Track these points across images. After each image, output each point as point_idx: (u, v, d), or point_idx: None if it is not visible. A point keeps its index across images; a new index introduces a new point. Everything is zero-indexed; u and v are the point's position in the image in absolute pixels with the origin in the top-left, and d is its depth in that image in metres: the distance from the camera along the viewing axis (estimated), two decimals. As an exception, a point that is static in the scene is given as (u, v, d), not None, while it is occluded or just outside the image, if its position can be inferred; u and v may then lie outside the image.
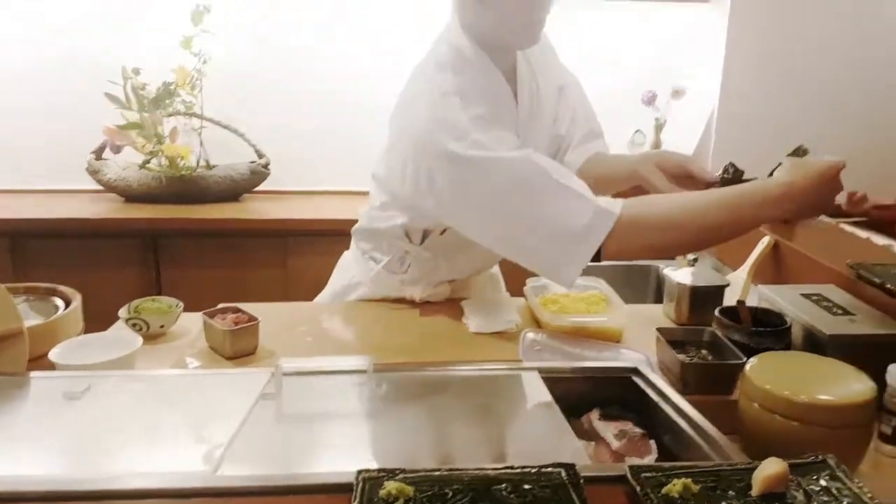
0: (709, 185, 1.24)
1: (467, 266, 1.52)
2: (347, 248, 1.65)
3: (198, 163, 2.56)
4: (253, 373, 1.07)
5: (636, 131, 2.72)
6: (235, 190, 2.61)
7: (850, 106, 2.62)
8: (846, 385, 0.95)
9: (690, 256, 1.90)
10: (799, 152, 1.19)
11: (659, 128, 2.58)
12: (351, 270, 1.57)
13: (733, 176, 1.22)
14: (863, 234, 2.12)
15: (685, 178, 1.29)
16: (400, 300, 1.52)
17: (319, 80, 2.70)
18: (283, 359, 1.01)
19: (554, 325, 1.35)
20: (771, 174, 1.18)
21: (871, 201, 2.35)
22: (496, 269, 1.69)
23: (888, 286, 1.25)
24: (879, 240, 2.05)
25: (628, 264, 2.07)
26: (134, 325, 1.34)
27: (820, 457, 0.76)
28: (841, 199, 2.37)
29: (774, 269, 1.61)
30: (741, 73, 2.52)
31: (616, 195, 1.20)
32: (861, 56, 2.57)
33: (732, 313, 1.28)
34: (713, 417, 1.07)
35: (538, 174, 1.15)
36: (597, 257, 1.14)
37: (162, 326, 1.37)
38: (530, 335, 1.30)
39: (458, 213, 1.25)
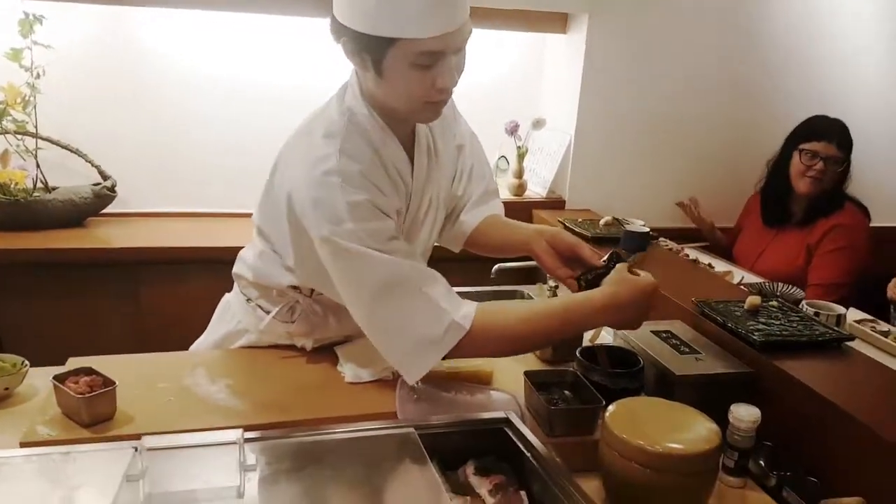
0: (595, 268, 1.30)
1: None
2: (206, 277, 1.56)
3: (34, 186, 2.35)
4: (114, 449, 1.00)
5: (500, 157, 2.80)
6: (78, 214, 2.41)
7: (697, 136, 2.86)
8: (695, 432, 1.04)
9: (552, 283, 2.00)
10: (613, 258, 1.29)
11: (521, 156, 2.68)
12: (236, 316, 1.50)
13: (617, 261, 1.28)
14: (705, 259, 2.33)
15: (574, 259, 1.35)
16: (290, 347, 1.47)
17: (170, 93, 2.54)
18: (145, 437, 0.95)
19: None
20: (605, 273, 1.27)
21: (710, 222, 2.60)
22: None
23: (729, 325, 1.38)
24: (720, 266, 2.27)
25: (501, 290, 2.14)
26: (-26, 389, 1.22)
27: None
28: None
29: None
30: (596, 103, 2.67)
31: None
32: (710, 89, 2.82)
33: (592, 354, 1.35)
34: (578, 457, 1.14)
35: (402, 280, 1.18)
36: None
37: (6, 389, 1.25)
38: (406, 383, 1.31)
39: (327, 286, 1.26)
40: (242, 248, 1.50)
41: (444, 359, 1.20)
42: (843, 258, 2.22)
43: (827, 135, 2.30)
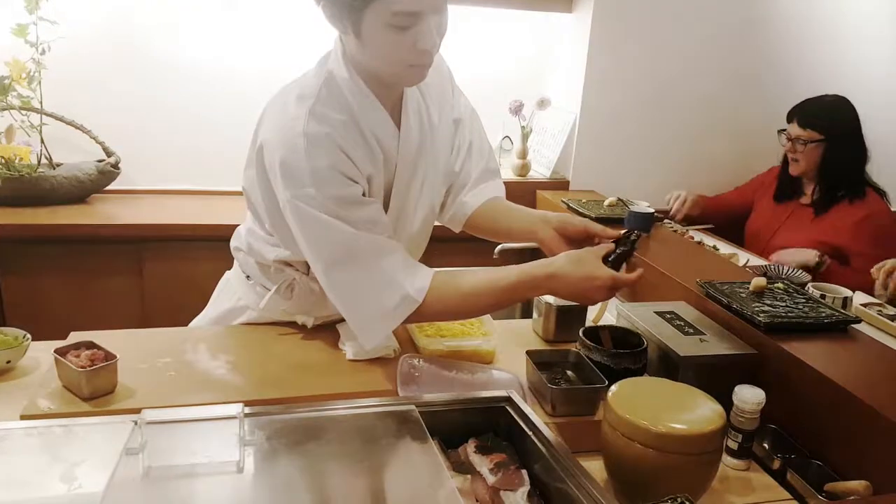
0: (617, 243, 1.27)
1: None
2: (209, 253, 1.55)
3: (39, 161, 2.34)
4: (114, 422, 0.99)
5: (504, 137, 2.78)
6: (82, 191, 2.40)
7: (703, 116, 2.82)
8: (699, 413, 1.03)
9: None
10: (632, 234, 1.27)
11: (525, 136, 2.65)
12: (236, 293, 1.50)
13: (636, 238, 1.27)
14: (709, 241, 2.31)
15: (585, 241, 1.33)
16: (290, 324, 1.47)
17: (175, 71, 2.53)
18: (145, 410, 0.95)
19: (430, 350, 1.37)
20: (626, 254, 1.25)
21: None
22: None
23: (734, 306, 1.37)
24: (725, 248, 2.25)
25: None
26: (-26, 362, 1.22)
27: (679, 499, 0.82)
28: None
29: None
30: (601, 83, 2.64)
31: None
32: (717, 69, 2.77)
33: (595, 334, 1.34)
34: (580, 436, 1.14)
35: (357, 252, 1.19)
36: None
37: (8, 362, 1.25)
38: (408, 362, 1.31)
39: (298, 250, 1.26)
40: (245, 226, 1.49)
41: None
42: (881, 256, 2.17)
43: (791, 116, 2.29)
